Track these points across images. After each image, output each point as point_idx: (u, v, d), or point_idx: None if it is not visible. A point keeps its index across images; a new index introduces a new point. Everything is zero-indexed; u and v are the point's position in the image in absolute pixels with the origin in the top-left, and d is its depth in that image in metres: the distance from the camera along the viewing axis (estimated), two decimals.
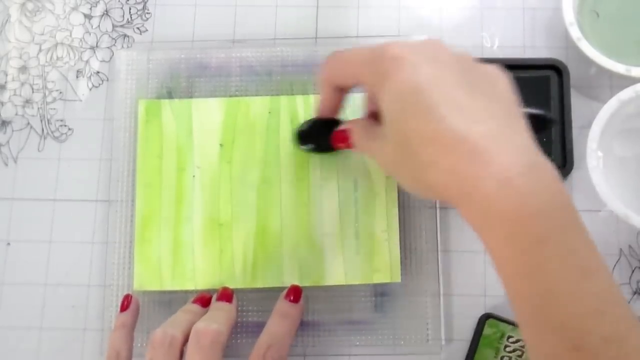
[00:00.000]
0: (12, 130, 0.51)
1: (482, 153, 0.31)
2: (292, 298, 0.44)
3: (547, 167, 0.32)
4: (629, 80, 0.45)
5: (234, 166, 0.48)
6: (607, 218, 0.47)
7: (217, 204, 0.47)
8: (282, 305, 0.43)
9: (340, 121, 0.43)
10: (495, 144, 0.31)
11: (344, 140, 0.42)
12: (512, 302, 0.32)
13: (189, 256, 0.46)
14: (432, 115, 0.32)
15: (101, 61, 0.52)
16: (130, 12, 0.52)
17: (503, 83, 0.35)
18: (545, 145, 0.47)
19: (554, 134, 0.47)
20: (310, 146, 0.46)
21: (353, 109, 0.46)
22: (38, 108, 0.51)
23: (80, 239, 0.49)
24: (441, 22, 0.52)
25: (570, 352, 0.29)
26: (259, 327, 0.45)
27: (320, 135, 0.44)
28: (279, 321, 0.42)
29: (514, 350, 0.45)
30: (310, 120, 0.45)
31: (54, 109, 0.51)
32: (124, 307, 0.43)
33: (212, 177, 0.47)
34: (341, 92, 0.41)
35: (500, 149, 0.31)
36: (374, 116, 0.38)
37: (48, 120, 0.51)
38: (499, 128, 0.32)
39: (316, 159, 0.47)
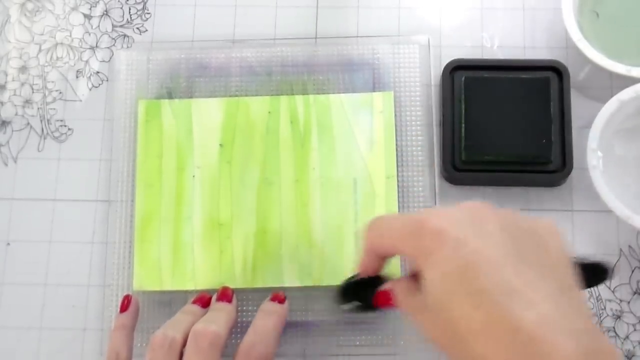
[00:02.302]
0: (12, 130, 0.51)
1: (537, 344, 0.28)
2: (277, 301, 0.43)
3: (607, 354, 0.29)
4: (629, 80, 0.45)
5: (233, 166, 0.48)
6: (607, 218, 0.47)
7: (217, 204, 0.47)
8: (267, 304, 0.43)
9: (384, 278, 0.40)
10: (550, 332, 0.29)
11: (388, 301, 0.38)
12: None
13: (189, 256, 0.46)
14: (480, 302, 0.30)
15: (101, 61, 0.52)
16: (130, 12, 0.52)
17: (554, 240, 0.33)
18: (545, 146, 0.47)
19: (554, 134, 0.47)
20: (353, 305, 0.42)
21: None
22: (38, 108, 0.51)
23: (80, 239, 0.49)
24: (441, 22, 0.52)
25: None
26: None
27: (364, 295, 0.40)
28: (264, 318, 0.42)
29: None
30: (352, 278, 0.41)
31: (54, 109, 0.51)
32: (124, 307, 0.43)
33: (212, 177, 0.47)
34: (382, 256, 0.38)
35: (557, 338, 0.28)
36: (417, 277, 0.35)
37: (48, 120, 0.51)
38: (554, 311, 0.29)
39: (316, 159, 0.47)
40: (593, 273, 0.36)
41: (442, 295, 0.31)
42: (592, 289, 0.46)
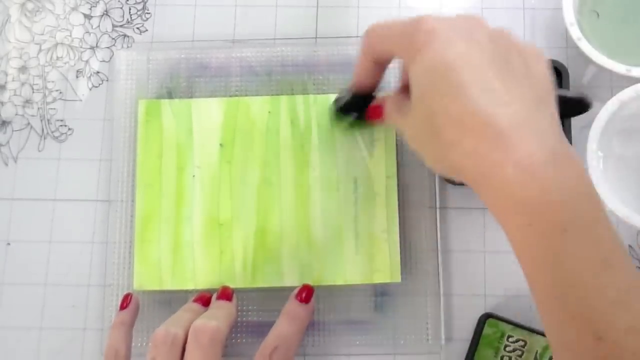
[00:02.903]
0: (12, 130, 0.51)
1: (505, 138, 0.30)
2: (303, 297, 0.43)
3: (571, 156, 0.31)
4: (629, 80, 0.45)
5: (233, 166, 0.48)
6: None
7: (217, 203, 0.47)
8: (292, 305, 0.43)
9: (375, 96, 0.42)
10: (520, 130, 0.31)
11: (378, 115, 0.41)
12: (532, 289, 0.32)
13: (189, 256, 0.46)
14: (459, 95, 0.32)
15: (101, 61, 0.52)
16: (130, 12, 0.53)
17: (539, 64, 0.34)
18: None
19: None
20: (348, 117, 0.45)
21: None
22: (38, 108, 0.51)
23: (80, 238, 0.49)
24: None
25: (592, 342, 0.29)
26: (259, 326, 0.45)
27: (357, 109, 0.43)
28: (287, 322, 0.42)
29: (514, 350, 0.45)
30: (346, 93, 0.44)
31: (54, 109, 0.51)
32: (124, 306, 0.43)
33: (212, 177, 0.47)
34: (379, 66, 0.40)
35: (524, 136, 0.31)
36: (407, 89, 0.37)
37: (48, 120, 0.51)
38: (526, 113, 0.31)
39: (316, 159, 0.47)
40: (572, 105, 0.38)
41: (424, 88, 0.34)
42: None
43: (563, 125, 0.47)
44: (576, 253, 0.30)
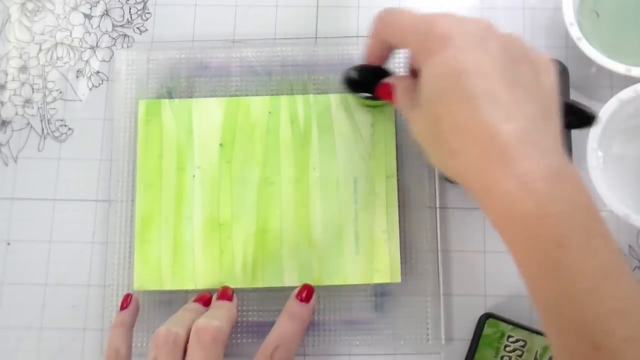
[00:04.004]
0: (12, 130, 0.51)
1: (508, 154, 0.31)
2: (303, 296, 0.43)
3: (571, 173, 0.32)
4: (629, 80, 0.45)
5: (234, 166, 0.48)
6: (607, 218, 0.47)
7: (217, 203, 0.47)
8: (293, 304, 0.43)
9: (388, 72, 0.43)
10: (523, 146, 0.31)
11: (388, 95, 0.41)
12: (534, 300, 0.32)
13: (189, 256, 0.46)
14: (467, 105, 0.32)
15: (101, 61, 0.52)
16: (130, 12, 0.53)
17: (547, 75, 0.35)
18: None
19: None
20: (361, 94, 0.46)
21: None
22: (38, 108, 0.51)
23: (80, 238, 0.49)
24: None
25: (590, 351, 0.30)
26: (260, 326, 0.45)
27: (367, 83, 0.44)
28: (288, 321, 0.42)
29: (514, 350, 0.45)
30: (358, 67, 0.45)
31: (54, 108, 0.51)
32: (124, 306, 0.43)
33: (212, 177, 0.47)
34: (388, 46, 0.41)
35: (526, 152, 0.31)
36: (417, 75, 0.38)
37: (48, 120, 0.51)
38: (530, 128, 0.32)
39: (316, 159, 0.47)
40: (577, 117, 0.38)
41: (434, 93, 0.34)
42: None
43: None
44: (574, 265, 0.30)
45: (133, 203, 0.48)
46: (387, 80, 0.42)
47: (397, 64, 0.48)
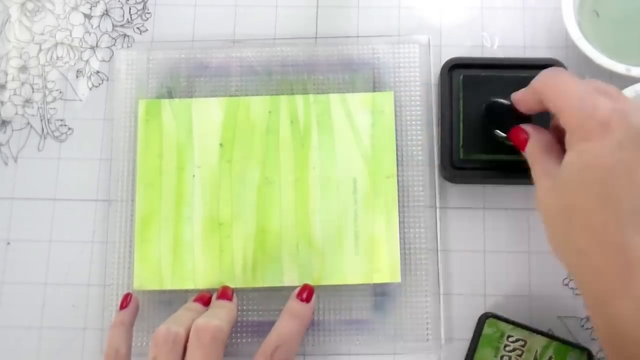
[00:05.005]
0: (12, 130, 0.51)
1: (631, 270, 0.29)
2: (304, 296, 0.43)
3: None
4: (629, 80, 0.45)
5: (233, 166, 0.48)
6: None
7: (217, 203, 0.47)
8: (293, 304, 0.43)
9: (529, 117, 0.41)
10: None
11: (523, 142, 0.39)
12: None
13: (189, 256, 0.46)
14: (606, 207, 0.31)
15: (101, 61, 0.52)
16: (130, 12, 0.53)
17: None
18: None
19: None
20: (499, 133, 0.43)
21: None
22: (38, 108, 0.51)
23: (80, 238, 0.49)
24: (441, 22, 0.52)
25: None
26: (259, 326, 0.45)
27: (504, 121, 0.42)
28: (289, 321, 0.42)
29: (513, 350, 0.45)
30: (504, 103, 0.43)
31: (54, 108, 0.51)
32: (124, 305, 0.43)
33: (212, 176, 0.47)
34: (542, 105, 0.39)
35: None
36: (559, 133, 0.36)
37: (48, 120, 0.51)
38: None
39: (316, 158, 0.47)
40: None
41: (576, 182, 0.32)
42: None
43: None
44: None
45: (133, 203, 0.48)
46: (524, 126, 0.40)
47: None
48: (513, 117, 0.42)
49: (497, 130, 0.44)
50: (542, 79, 0.38)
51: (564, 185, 0.33)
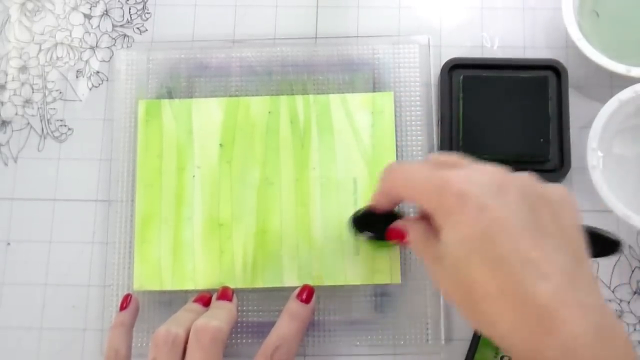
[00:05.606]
0: (12, 130, 0.51)
1: (547, 318, 0.29)
2: (304, 297, 0.43)
3: (614, 327, 0.30)
4: (629, 80, 0.45)
5: (233, 166, 0.48)
6: (606, 218, 0.47)
7: (217, 204, 0.47)
8: (293, 305, 0.43)
9: (398, 214, 0.41)
10: (562, 306, 0.30)
11: (400, 238, 0.39)
12: None
13: (189, 256, 0.46)
14: (498, 269, 0.31)
15: (101, 61, 0.52)
16: (130, 12, 0.52)
17: (568, 212, 0.33)
18: (543, 145, 0.47)
19: (551, 132, 0.47)
20: (367, 235, 0.44)
21: None
22: (38, 108, 0.51)
23: (80, 239, 0.49)
24: (441, 22, 0.52)
25: None
26: (259, 327, 0.45)
27: (375, 226, 0.42)
28: (289, 322, 0.42)
29: None
30: (365, 210, 0.43)
31: (54, 109, 0.51)
32: (124, 306, 0.43)
33: (212, 177, 0.47)
34: (399, 200, 0.40)
35: (567, 314, 0.29)
36: (428, 215, 0.36)
37: (48, 120, 0.51)
38: (566, 283, 0.30)
39: (316, 158, 0.47)
40: (602, 245, 0.37)
41: (460, 258, 0.32)
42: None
43: (561, 125, 0.47)
44: None
45: (133, 203, 0.48)
46: (398, 224, 0.40)
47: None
48: (382, 219, 0.41)
49: (368, 232, 0.43)
50: (385, 178, 0.38)
51: (453, 264, 0.33)
